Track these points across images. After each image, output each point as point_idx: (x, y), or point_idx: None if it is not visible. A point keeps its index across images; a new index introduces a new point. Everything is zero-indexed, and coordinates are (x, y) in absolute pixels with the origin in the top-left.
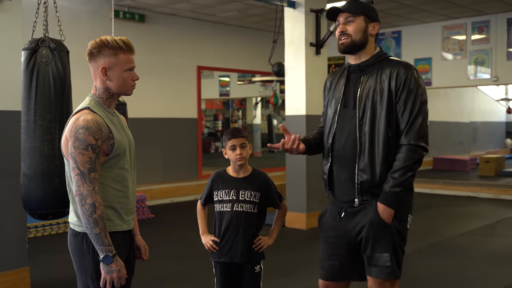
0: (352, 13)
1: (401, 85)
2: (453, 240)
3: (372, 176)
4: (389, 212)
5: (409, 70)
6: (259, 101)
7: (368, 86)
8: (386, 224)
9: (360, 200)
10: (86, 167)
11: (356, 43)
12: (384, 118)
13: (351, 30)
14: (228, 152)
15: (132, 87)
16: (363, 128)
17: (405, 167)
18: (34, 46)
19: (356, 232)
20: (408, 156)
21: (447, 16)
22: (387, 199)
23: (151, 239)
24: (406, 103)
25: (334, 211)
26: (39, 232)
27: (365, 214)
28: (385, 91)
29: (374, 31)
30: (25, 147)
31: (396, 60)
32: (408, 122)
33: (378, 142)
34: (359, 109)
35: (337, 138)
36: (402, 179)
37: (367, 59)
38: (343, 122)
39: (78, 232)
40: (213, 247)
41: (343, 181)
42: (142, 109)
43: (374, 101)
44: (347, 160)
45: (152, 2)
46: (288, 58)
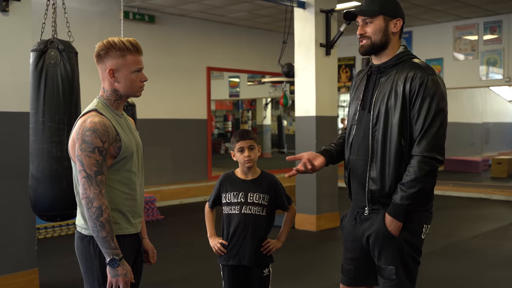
0: (367, 15)
1: (416, 91)
2: (466, 242)
3: (382, 186)
4: (397, 224)
5: (426, 74)
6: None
7: (385, 88)
8: (392, 236)
9: (371, 209)
10: (93, 169)
11: (376, 44)
12: (397, 125)
13: (370, 31)
14: (236, 154)
15: (140, 89)
16: (376, 135)
17: (415, 179)
18: (43, 48)
19: (366, 239)
20: (420, 168)
21: (458, 16)
22: (395, 211)
23: (160, 240)
24: (420, 110)
25: (351, 215)
26: (48, 233)
27: (372, 222)
28: (399, 96)
29: (396, 28)
30: (34, 149)
31: (417, 63)
32: (422, 131)
33: (390, 150)
34: (373, 112)
35: (354, 142)
36: (410, 191)
37: (387, 60)
38: (360, 125)
39: (85, 235)
40: (221, 250)
41: (356, 187)
42: (151, 110)
43: (388, 106)
44: (360, 166)
45: (161, 3)
46: (298, 59)
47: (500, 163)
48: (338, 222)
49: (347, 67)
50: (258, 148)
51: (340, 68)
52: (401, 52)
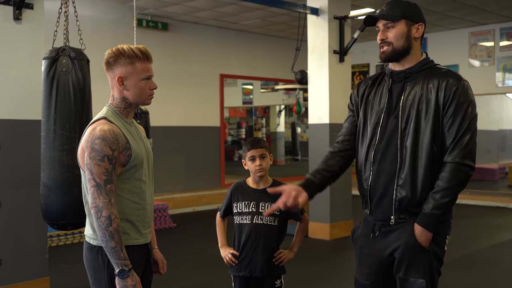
0: (389, 20)
1: (450, 97)
2: (483, 252)
3: (413, 193)
4: (427, 235)
5: (459, 81)
6: (283, 109)
7: (413, 94)
8: (423, 248)
9: (397, 218)
10: (102, 178)
11: (399, 50)
12: (429, 131)
13: (391, 37)
14: (247, 163)
15: (150, 97)
16: (405, 141)
17: (449, 188)
18: (55, 55)
19: (389, 253)
20: (453, 176)
21: (474, 22)
22: (426, 221)
23: (173, 249)
24: (454, 117)
25: (367, 228)
26: (61, 241)
27: (400, 234)
28: (431, 102)
29: (419, 33)
30: (45, 157)
31: (445, 70)
32: (456, 138)
33: (421, 156)
34: (401, 119)
35: (377, 151)
36: (444, 201)
37: (412, 66)
38: (384, 133)
39: (93, 246)
40: (232, 260)
41: (379, 196)
42: (164, 117)
43: (419, 112)
44: (385, 174)
45: (175, 11)
46: (311, 66)
47: None
48: None
49: (361, 74)
50: (270, 157)
51: (354, 75)
52: (425, 59)
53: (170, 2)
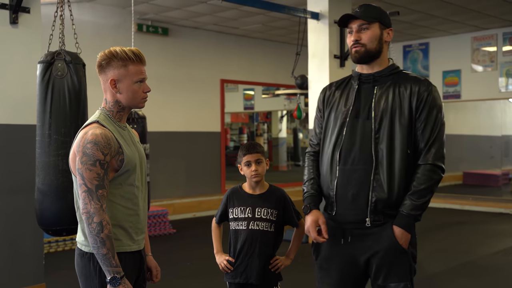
0: (367, 20)
1: (423, 102)
2: (486, 259)
3: (390, 195)
4: (407, 237)
5: (430, 86)
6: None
7: (385, 97)
8: (403, 250)
9: (372, 220)
10: (94, 183)
11: (372, 52)
12: (403, 134)
13: (365, 38)
14: (243, 168)
15: (143, 100)
16: (380, 142)
17: (425, 189)
18: (50, 59)
19: (366, 259)
20: (428, 177)
21: (476, 27)
22: (404, 222)
23: (172, 255)
24: (427, 122)
25: (333, 235)
26: (59, 247)
27: (378, 238)
28: (405, 107)
29: (389, 37)
30: (40, 162)
31: (414, 75)
32: (429, 141)
33: (396, 159)
34: (375, 121)
35: (346, 152)
36: (421, 201)
37: (382, 69)
38: (353, 133)
39: (85, 252)
40: (228, 267)
41: (350, 197)
42: (164, 123)
43: (393, 115)
44: (358, 174)
45: (175, 16)
46: (312, 71)
47: None
48: None
49: None
50: (266, 162)
51: None
52: (393, 64)
53: (171, 7)
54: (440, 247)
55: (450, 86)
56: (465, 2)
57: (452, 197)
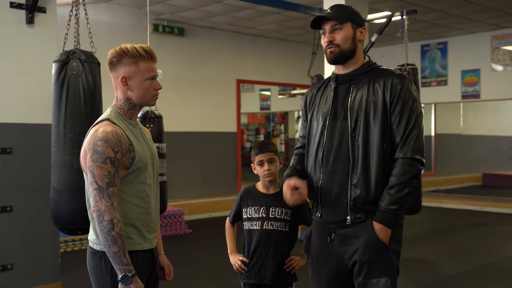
0: (339, 21)
1: (396, 96)
2: (507, 261)
3: (367, 191)
4: (386, 231)
5: (403, 80)
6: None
7: (360, 96)
8: (383, 245)
9: (353, 218)
10: (105, 181)
11: (346, 52)
12: (378, 130)
13: (339, 39)
14: (256, 167)
15: (154, 97)
16: (356, 140)
17: (402, 182)
18: (65, 58)
19: (349, 256)
20: (405, 171)
21: (496, 25)
22: (383, 217)
23: (188, 255)
24: (401, 115)
25: (321, 234)
26: (76, 246)
27: (358, 234)
28: (379, 102)
29: (362, 36)
30: (55, 161)
31: (389, 70)
32: (404, 134)
33: (372, 155)
34: (351, 120)
35: (326, 154)
36: (399, 195)
37: (357, 68)
38: (333, 134)
39: (96, 251)
40: (242, 267)
41: (333, 198)
42: (181, 123)
43: (367, 112)
44: (338, 175)
45: (191, 16)
46: (328, 70)
47: None
48: None
49: None
50: (280, 160)
51: None
52: (369, 61)
53: (186, 7)
54: (458, 248)
55: (469, 86)
56: (485, 1)
57: (471, 198)
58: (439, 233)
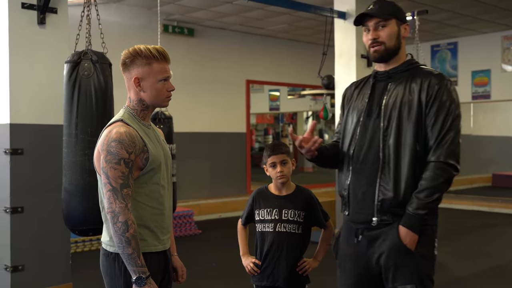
0: (383, 17)
1: (433, 96)
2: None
3: (396, 193)
4: (412, 237)
5: (442, 81)
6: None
7: (396, 94)
8: (408, 250)
9: (379, 219)
10: (119, 182)
11: (391, 50)
12: (412, 130)
13: (384, 36)
14: (268, 169)
15: (167, 98)
16: (388, 140)
17: (433, 187)
18: (77, 59)
19: (375, 260)
20: (436, 175)
21: (507, 25)
22: (410, 222)
23: (197, 256)
24: (437, 117)
25: (349, 234)
26: (86, 246)
27: (384, 238)
28: (414, 102)
29: (406, 33)
30: (67, 162)
31: (429, 70)
32: (438, 137)
33: (404, 156)
34: (384, 118)
35: (357, 151)
36: (428, 200)
37: (397, 66)
38: (365, 132)
39: (110, 252)
40: (254, 269)
41: (361, 197)
42: (190, 123)
43: (401, 112)
44: (367, 174)
45: (201, 16)
46: (339, 71)
47: None
48: None
49: None
50: (292, 162)
51: None
52: (410, 59)
53: (196, 7)
54: (468, 250)
55: (480, 86)
56: (495, 1)
57: (481, 199)
58: (449, 234)
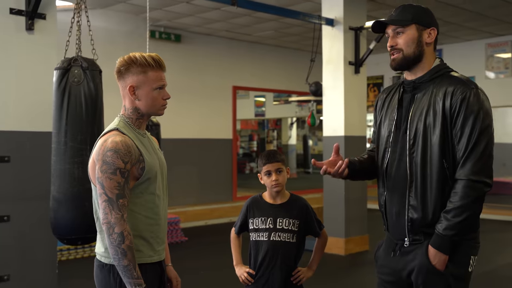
0: (399, 24)
1: (457, 107)
2: (506, 269)
3: (424, 214)
4: (442, 257)
5: (468, 89)
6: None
7: (421, 107)
8: (437, 271)
9: (411, 239)
10: (114, 192)
11: (410, 57)
12: (438, 145)
13: (401, 43)
14: (263, 177)
15: (163, 107)
16: (415, 157)
17: (461, 206)
18: (66, 66)
19: (406, 275)
20: (466, 194)
21: (491, 33)
22: (438, 243)
23: (184, 263)
24: (463, 129)
25: (389, 247)
26: (71, 255)
27: (414, 256)
28: (439, 113)
29: (431, 38)
30: (55, 170)
31: (455, 77)
32: (466, 151)
33: (431, 174)
34: (409, 133)
35: (390, 167)
36: (456, 220)
37: (423, 75)
38: (395, 147)
39: (105, 264)
40: (248, 279)
41: (394, 216)
42: (176, 130)
43: (427, 125)
44: (399, 192)
45: (188, 22)
46: (326, 77)
47: None
48: (367, 245)
49: (375, 86)
50: (287, 170)
51: (368, 87)
52: (437, 66)
53: (183, 13)
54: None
55: None
56: (480, 9)
57: None
58: None
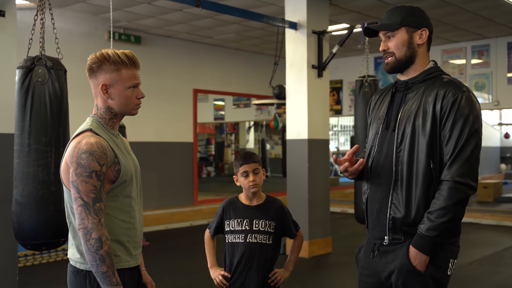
0: (388, 29)
1: (448, 109)
2: (462, 269)
3: (407, 213)
4: (422, 258)
5: (460, 92)
6: (252, 125)
7: (411, 106)
8: (417, 272)
9: (391, 238)
10: (91, 196)
11: (402, 60)
12: (425, 146)
13: (392, 46)
14: (240, 179)
15: (136, 106)
16: (401, 156)
17: (445, 207)
18: (30, 65)
19: (386, 276)
20: (450, 195)
21: (446, 39)
22: (420, 243)
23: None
24: (452, 131)
25: (368, 247)
26: (29, 260)
27: (394, 256)
28: (429, 114)
29: (422, 39)
30: (18, 172)
31: (447, 79)
32: (453, 153)
33: (417, 173)
34: (398, 132)
35: (375, 165)
36: (439, 221)
37: (416, 75)
38: (382, 146)
39: (80, 270)
40: (223, 282)
41: (375, 214)
42: (136, 133)
43: (415, 125)
44: (382, 190)
45: (148, 24)
46: (290, 81)
47: (486, 187)
48: (330, 248)
49: (334, 90)
50: (263, 171)
51: None
52: (431, 68)
53: (144, 14)
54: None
55: None
56: (437, 15)
57: None
58: None
